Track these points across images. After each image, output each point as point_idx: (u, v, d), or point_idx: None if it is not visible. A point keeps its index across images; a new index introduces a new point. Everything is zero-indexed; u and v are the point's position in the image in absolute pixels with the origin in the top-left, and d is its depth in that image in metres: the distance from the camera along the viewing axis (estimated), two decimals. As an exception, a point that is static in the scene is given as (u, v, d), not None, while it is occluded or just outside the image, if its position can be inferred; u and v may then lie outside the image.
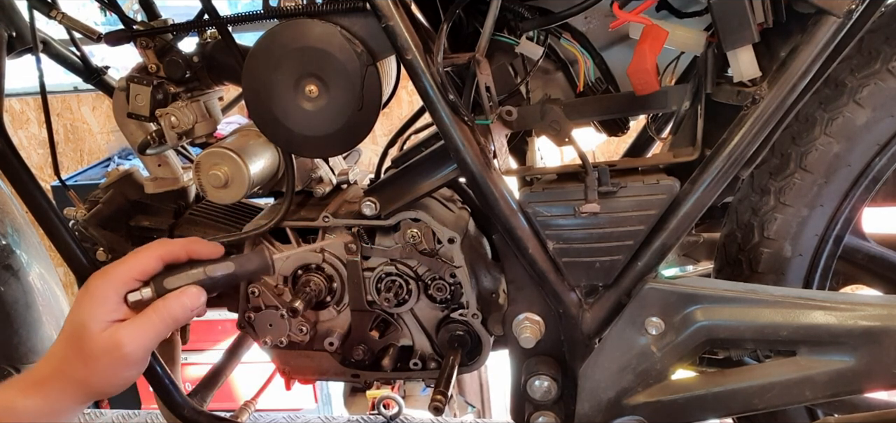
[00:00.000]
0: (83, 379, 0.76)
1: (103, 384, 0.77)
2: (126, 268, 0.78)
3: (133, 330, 0.76)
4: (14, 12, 1.00)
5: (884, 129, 0.78)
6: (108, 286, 0.77)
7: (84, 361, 0.75)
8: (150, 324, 0.77)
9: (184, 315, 0.79)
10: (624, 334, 0.81)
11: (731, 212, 0.91)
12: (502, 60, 0.87)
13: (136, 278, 0.78)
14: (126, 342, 0.75)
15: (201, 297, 0.80)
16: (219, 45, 0.94)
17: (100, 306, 0.76)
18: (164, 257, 0.80)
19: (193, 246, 0.83)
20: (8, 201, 1.23)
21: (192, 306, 0.79)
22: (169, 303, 0.78)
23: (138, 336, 0.76)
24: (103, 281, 0.78)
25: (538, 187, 0.83)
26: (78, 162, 3.07)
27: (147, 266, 0.79)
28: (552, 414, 0.91)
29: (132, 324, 0.76)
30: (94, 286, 0.77)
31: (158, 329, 0.77)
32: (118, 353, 0.75)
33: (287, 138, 0.84)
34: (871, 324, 0.75)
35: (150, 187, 1.00)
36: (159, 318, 0.77)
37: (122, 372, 0.77)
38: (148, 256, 0.80)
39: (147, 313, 0.77)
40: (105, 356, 0.75)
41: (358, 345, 0.98)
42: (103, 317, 0.76)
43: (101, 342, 0.75)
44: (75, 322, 0.76)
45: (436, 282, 0.92)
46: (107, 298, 0.77)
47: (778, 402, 0.80)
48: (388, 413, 1.46)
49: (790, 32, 0.76)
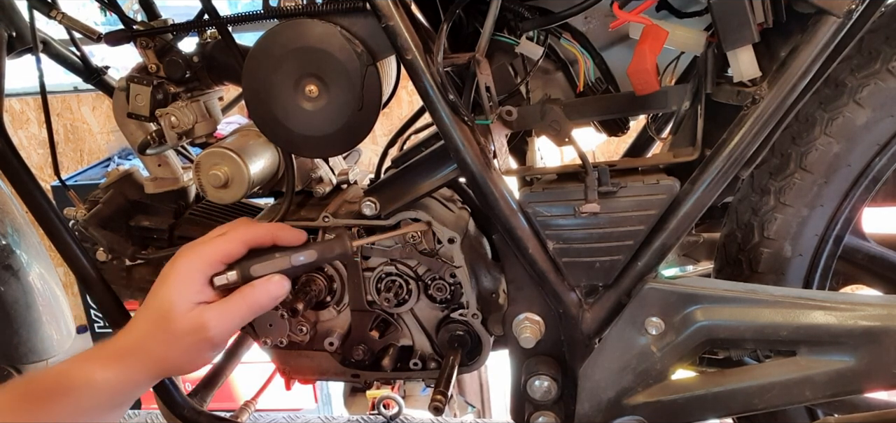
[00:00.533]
0: (164, 356, 0.77)
1: (183, 362, 0.78)
2: (213, 249, 0.79)
3: (219, 314, 0.77)
4: (14, 12, 1.00)
5: (884, 129, 0.78)
6: (196, 267, 0.78)
7: (167, 338, 0.76)
8: (236, 309, 0.78)
9: (268, 304, 0.80)
10: (624, 334, 0.81)
11: (731, 212, 0.91)
12: (502, 60, 0.87)
13: (222, 261, 0.79)
14: (212, 325, 0.76)
15: (285, 285, 0.81)
16: (219, 45, 0.94)
17: (187, 286, 0.77)
18: (249, 242, 0.81)
19: (278, 232, 0.83)
20: (8, 201, 1.23)
21: (277, 295, 0.80)
22: (256, 291, 0.79)
23: (223, 320, 0.77)
24: (191, 260, 0.78)
25: (538, 187, 0.83)
26: (78, 162, 3.07)
27: (233, 250, 0.80)
28: (552, 414, 0.91)
29: (218, 308, 0.77)
30: (182, 265, 0.78)
31: (243, 315, 0.78)
32: (203, 334, 0.76)
33: (287, 138, 0.84)
34: (871, 324, 0.75)
35: (150, 187, 1.00)
36: (246, 304, 0.78)
37: (203, 353, 0.79)
38: (234, 240, 0.80)
39: (234, 298, 0.78)
40: (189, 336, 0.76)
41: (358, 345, 0.98)
42: (190, 297, 0.77)
43: (186, 322, 0.76)
44: (162, 299, 0.77)
45: (436, 282, 0.92)
46: (194, 278, 0.78)
47: (778, 402, 0.80)
48: (388, 413, 1.46)
49: (790, 32, 0.76)
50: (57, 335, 1.25)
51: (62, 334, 1.27)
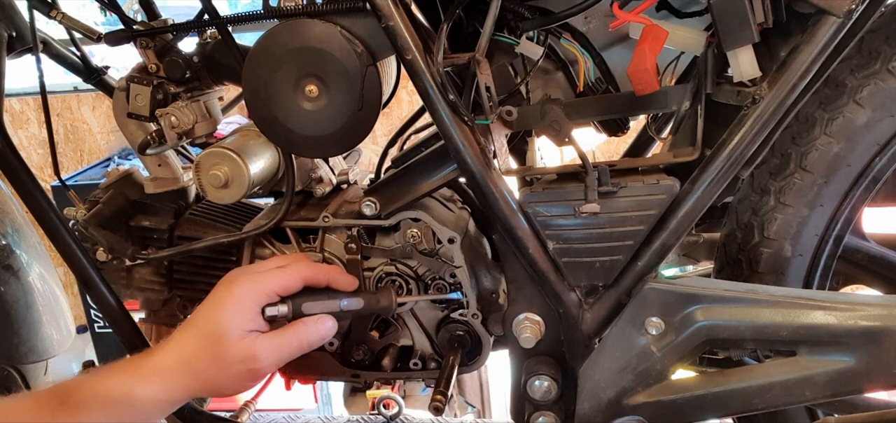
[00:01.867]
0: (209, 378, 0.77)
1: (227, 387, 0.78)
2: (272, 280, 0.79)
3: (270, 345, 0.77)
4: (14, 12, 1.00)
5: (884, 129, 0.78)
6: (252, 295, 0.78)
7: (215, 362, 0.76)
8: (286, 343, 0.78)
9: (317, 343, 0.81)
10: (624, 334, 0.81)
11: (731, 212, 0.91)
12: (502, 60, 0.87)
13: (278, 293, 0.80)
14: (262, 357, 0.76)
15: (332, 327, 0.82)
16: (219, 45, 0.94)
17: (242, 314, 0.77)
18: (307, 279, 0.82)
19: (333, 275, 0.84)
20: (8, 201, 1.23)
21: (326, 336, 0.82)
22: (308, 328, 0.80)
23: (273, 353, 0.77)
24: (248, 288, 0.78)
25: (538, 187, 0.83)
26: (78, 162, 3.06)
27: (290, 284, 0.80)
28: (552, 414, 0.91)
29: (270, 339, 0.78)
30: (240, 290, 0.78)
31: (293, 350, 0.79)
32: (252, 364, 0.76)
33: (287, 138, 0.84)
34: (871, 324, 0.75)
35: (150, 187, 1.00)
36: (297, 341, 0.79)
37: (248, 381, 0.78)
38: (293, 274, 0.81)
39: (286, 332, 0.79)
40: (239, 363, 0.76)
41: (358, 345, 0.98)
42: (243, 325, 0.77)
43: (238, 350, 0.76)
44: (215, 321, 0.77)
45: (436, 282, 0.92)
46: (250, 306, 0.77)
47: (778, 402, 0.80)
48: (388, 413, 1.46)
49: (790, 32, 0.76)
50: (57, 335, 1.25)
51: (62, 334, 1.27)
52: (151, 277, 1.02)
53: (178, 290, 1.04)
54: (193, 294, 1.04)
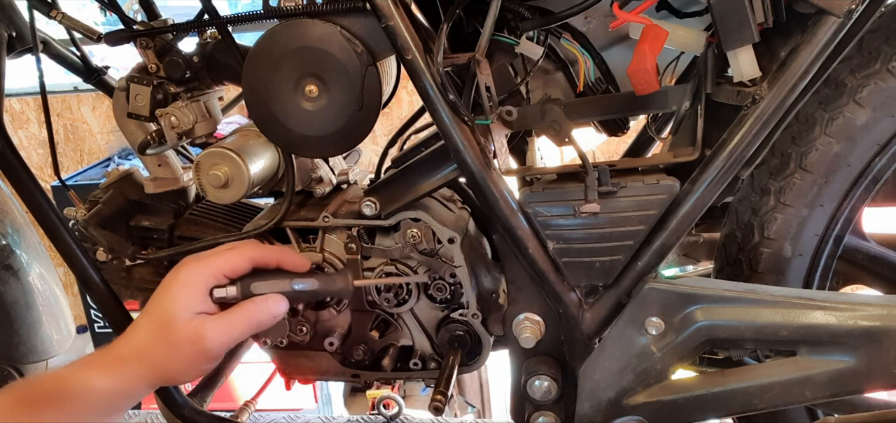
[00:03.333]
0: (163, 364, 0.77)
1: (179, 372, 0.79)
2: (219, 262, 0.80)
3: (218, 326, 0.77)
4: (14, 12, 1.00)
5: (884, 129, 0.78)
6: (199, 277, 0.79)
7: (166, 347, 0.77)
8: (235, 323, 0.78)
9: (267, 321, 0.80)
10: (624, 334, 0.81)
11: (731, 212, 0.91)
12: (502, 60, 0.87)
13: (226, 275, 0.80)
14: (210, 337, 0.77)
15: (283, 306, 0.82)
16: (219, 46, 0.94)
17: (189, 296, 0.78)
18: (255, 260, 0.82)
19: (284, 256, 0.84)
20: (8, 201, 1.23)
21: (274, 314, 0.81)
22: (257, 307, 0.80)
23: (222, 333, 0.77)
24: (194, 271, 0.79)
25: (538, 187, 0.83)
26: (78, 162, 3.07)
27: (238, 265, 0.81)
28: (552, 414, 0.91)
29: (218, 320, 0.78)
30: (186, 274, 0.79)
31: (242, 330, 0.79)
32: (200, 345, 0.77)
33: (287, 138, 0.84)
34: (871, 324, 0.75)
35: (150, 187, 1.00)
36: (245, 319, 0.79)
37: (200, 364, 0.79)
38: (240, 255, 0.81)
39: (234, 312, 0.79)
40: (188, 346, 0.77)
41: (358, 345, 0.98)
42: (191, 307, 0.77)
43: (186, 332, 0.76)
44: (163, 306, 0.77)
45: (436, 282, 0.92)
46: (195, 288, 0.78)
47: (778, 402, 0.80)
48: (388, 413, 1.46)
49: (790, 32, 0.76)
50: (57, 335, 1.25)
51: (62, 334, 1.27)
52: (151, 277, 1.02)
53: (178, 290, 1.04)
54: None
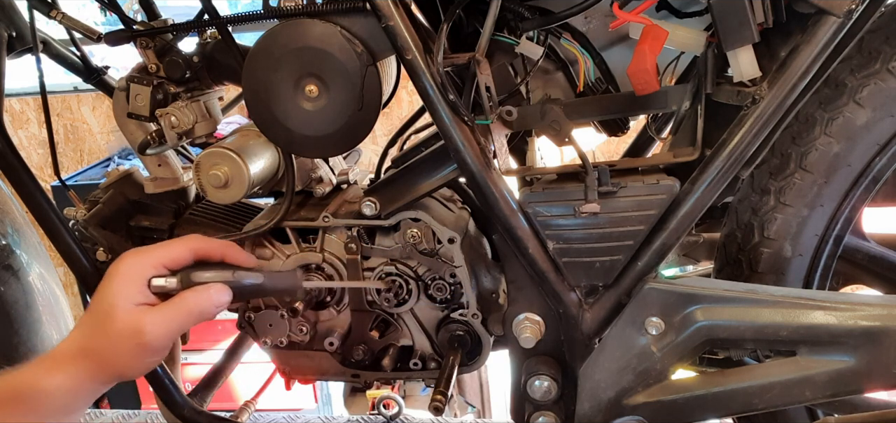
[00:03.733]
0: (105, 359, 0.76)
1: (123, 366, 0.77)
2: (158, 254, 0.78)
3: (157, 317, 0.76)
4: (14, 12, 1.00)
5: (884, 129, 0.78)
6: (138, 268, 0.77)
7: (107, 341, 0.75)
8: (175, 314, 0.77)
9: (208, 310, 0.78)
10: (624, 334, 0.81)
11: (731, 212, 0.91)
12: (502, 60, 0.87)
13: (167, 266, 0.78)
14: (148, 329, 0.75)
15: (226, 296, 0.80)
16: (219, 45, 0.94)
17: (127, 287, 0.76)
18: (197, 251, 0.81)
19: (228, 249, 0.83)
20: (8, 201, 1.23)
21: (218, 303, 0.79)
22: (196, 296, 0.78)
23: (160, 324, 0.76)
24: (134, 262, 0.77)
25: (538, 187, 0.83)
26: (78, 162, 3.07)
27: (179, 256, 0.79)
28: (552, 414, 0.91)
29: (157, 311, 0.76)
30: (125, 266, 0.77)
31: (182, 321, 0.77)
32: (139, 338, 0.75)
33: (287, 138, 0.84)
34: (871, 324, 0.75)
35: (150, 187, 1.00)
36: (185, 309, 0.77)
37: (141, 358, 0.77)
38: (181, 247, 0.80)
39: (173, 303, 0.77)
40: (127, 339, 0.75)
41: (358, 345, 0.98)
42: (130, 298, 0.75)
43: (124, 324, 0.75)
44: (102, 300, 0.76)
45: (436, 282, 0.92)
46: (135, 280, 0.76)
47: (778, 402, 0.80)
48: (388, 413, 1.46)
49: (790, 32, 0.76)
50: (57, 335, 1.25)
51: (62, 333, 1.27)
52: (151, 277, 1.02)
53: (178, 290, 1.04)
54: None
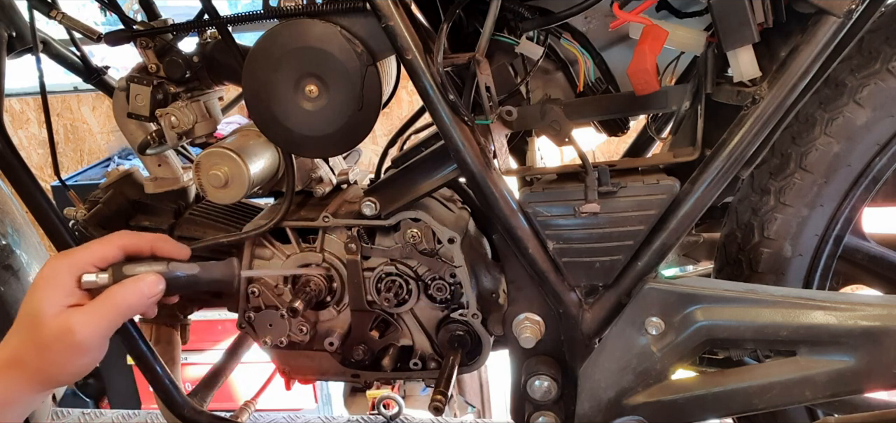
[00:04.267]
0: (37, 367, 0.73)
1: (56, 371, 0.74)
2: (84, 253, 0.76)
3: (85, 316, 0.73)
4: (14, 12, 1.00)
5: (884, 129, 0.78)
6: (63, 270, 0.74)
7: (37, 348, 0.72)
8: (104, 309, 0.74)
9: (140, 303, 0.75)
10: (624, 334, 0.81)
11: (731, 212, 0.91)
12: (502, 60, 0.87)
13: (96, 265, 0.76)
14: (78, 329, 0.72)
15: (159, 286, 0.76)
16: (219, 45, 0.94)
17: (53, 290, 0.73)
18: (125, 247, 0.78)
19: (159, 243, 0.80)
20: (8, 201, 1.23)
21: (150, 294, 0.76)
22: (125, 289, 0.74)
23: (91, 322, 0.73)
24: (58, 265, 0.74)
25: (538, 187, 0.83)
26: (78, 162, 3.07)
27: (106, 253, 0.76)
28: (552, 414, 0.91)
29: (84, 309, 0.73)
30: (50, 269, 0.74)
31: (112, 316, 0.74)
32: (70, 339, 0.72)
33: (287, 138, 0.84)
34: (871, 324, 0.75)
35: (150, 187, 1.00)
36: (113, 303, 0.74)
37: (75, 359, 0.74)
38: (108, 243, 0.77)
39: (101, 298, 0.74)
40: (57, 342, 0.72)
41: (358, 345, 0.98)
42: (57, 301, 0.73)
43: (53, 328, 0.72)
44: (29, 307, 0.73)
45: (436, 282, 0.92)
46: (61, 282, 0.73)
47: (778, 402, 0.80)
48: (388, 413, 1.46)
49: (790, 32, 0.76)
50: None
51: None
52: (151, 277, 1.02)
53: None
54: (193, 294, 1.04)
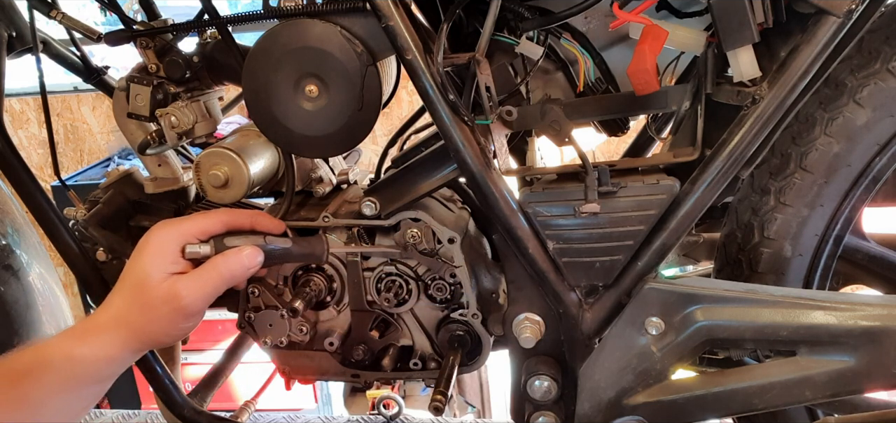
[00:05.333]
0: (141, 327, 0.78)
1: (160, 333, 0.79)
2: (189, 224, 0.80)
3: (192, 282, 0.78)
4: (14, 12, 1.00)
5: (884, 129, 0.78)
6: (169, 238, 0.79)
7: (143, 309, 0.77)
8: (208, 277, 0.79)
9: (241, 272, 0.80)
10: (624, 334, 0.81)
11: (731, 212, 0.91)
12: (502, 60, 0.87)
13: (197, 236, 0.80)
14: (184, 294, 0.77)
15: (258, 258, 0.81)
16: (219, 45, 0.94)
17: (160, 257, 0.78)
18: (228, 222, 0.82)
19: (258, 218, 0.85)
20: (8, 201, 1.23)
21: (250, 265, 0.81)
22: (227, 259, 0.80)
23: (197, 288, 0.78)
24: (164, 232, 0.79)
25: (538, 187, 0.83)
26: (78, 162, 3.07)
27: (210, 227, 0.81)
28: (552, 414, 0.91)
29: (191, 276, 0.78)
30: (156, 237, 0.79)
31: (216, 283, 0.79)
32: (177, 303, 0.77)
33: (287, 138, 0.84)
34: (871, 324, 0.75)
35: (150, 187, 1.00)
36: (217, 272, 0.79)
37: (179, 323, 0.79)
38: (212, 217, 0.82)
39: (206, 267, 0.79)
40: (164, 305, 0.77)
41: (358, 345, 0.98)
42: (163, 268, 0.77)
43: (160, 292, 0.77)
44: (136, 271, 0.78)
45: (436, 282, 0.92)
46: (167, 249, 0.78)
47: (778, 402, 0.80)
48: (388, 413, 1.46)
49: (790, 32, 0.76)
50: (57, 336, 1.25)
51: (62, 334, 1.27)
52: (151, 277, 1.02)
53: (178, 290, 1.04)
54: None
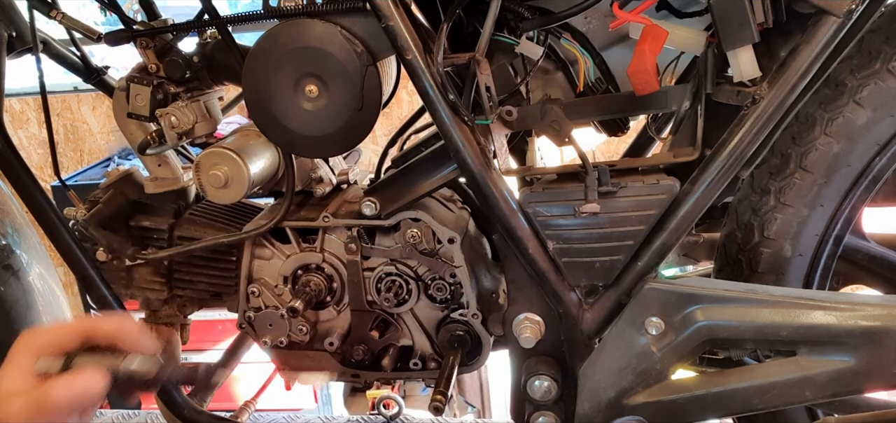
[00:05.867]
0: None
1: None
2: (45, 336, 0.73)
3: (19, 406, 0.69)
4: (14, 12, 1.00)
5: (884, 129, 0.78)
6: (23, 351, 0.72)
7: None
8: (33, 403, 0.70)
9: (69, 401, 0.70)
10: (624, 334, 0.81)
11: (731, 212, 0.91)
12: (502, 60, 0.87)
13: (53, 349, 0.73)
14: (14, 417, 0.69)
15: (97, 384, 0.71)
16: (219, 45, 0.94)
17: (12, 370, 0.71)
18: (84, 333, 0.74)
19: (122, 334, 0.75)
20: (8, 201, 1.23)
21: (82, 392, 0.70)
22: (56, 385, 0.70)
23: (22, 414, 0.69)
24: (23, 343, 0.72)
25: (538, 187, 0.83)
26: (78, 162, 3.06)
27: (65, 341, 0.73)
28: (552, 414, 0.91)
29: (19, 398, 0.70)
30: (15, 347, 0.72)
31: (38, 415, 0.69)
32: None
33: (287, 138, 0.84)
34: (871, 324, 0.75)
35: (150, 187, 1.00)
36: (43, 400, 0.70)
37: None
38: (69, 330, 0.74)
39: (35, 390, 0.70)
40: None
41: (358, 345, 0.98)
42: (12, 383, 0.70)
43: (2, 410, 0.69)
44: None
45: (436, 282, 0.92)
46: (19, 363, 0.71)
47: (778, 402, 0.80)
48: (388, 413, 1.46)
49: (790, 32, 0.76)
50: (57, 335, 1.25)
51: (62, 334, 1.27)
52: (151, 277, 1.02)
53: (178, 290, 1.04)
54: (193, 294, 1.04)
